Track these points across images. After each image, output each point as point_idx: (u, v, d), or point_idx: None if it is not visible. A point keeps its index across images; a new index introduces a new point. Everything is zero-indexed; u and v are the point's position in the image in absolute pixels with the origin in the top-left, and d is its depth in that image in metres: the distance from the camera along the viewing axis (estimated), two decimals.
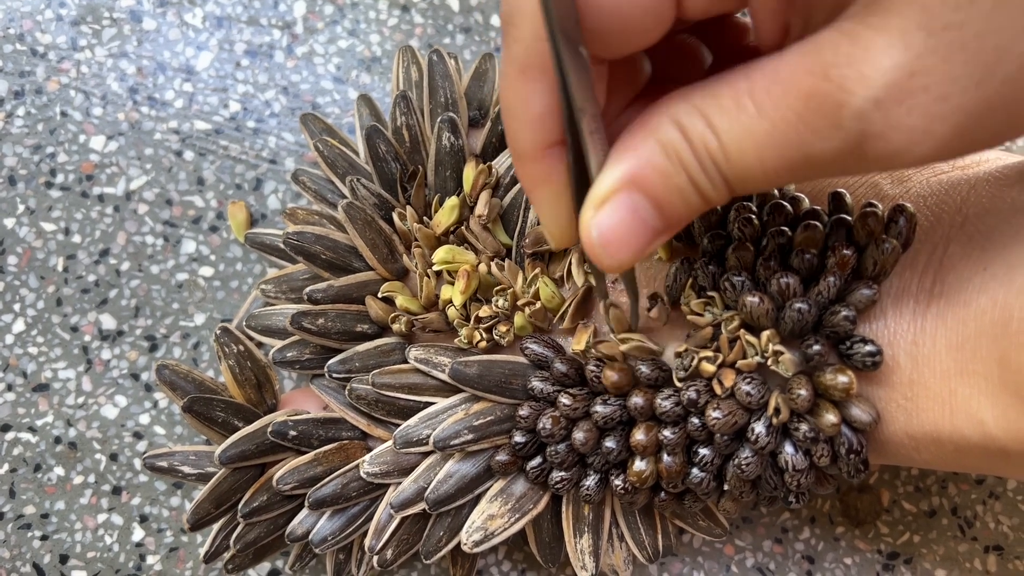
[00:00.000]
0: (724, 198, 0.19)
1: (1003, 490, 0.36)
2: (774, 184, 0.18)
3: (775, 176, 0.18)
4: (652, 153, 0.18)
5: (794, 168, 0.18)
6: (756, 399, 0.24)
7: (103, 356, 0.37)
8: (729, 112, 0.17)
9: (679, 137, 0.18)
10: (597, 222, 0.19)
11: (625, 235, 0.19)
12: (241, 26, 0.39)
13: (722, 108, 0.18)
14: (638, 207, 0.19)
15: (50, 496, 0.36)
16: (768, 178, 0.18)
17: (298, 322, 0.29)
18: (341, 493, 0.29)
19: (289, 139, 0.38)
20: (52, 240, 0.37)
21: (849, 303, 0.23)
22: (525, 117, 0.20)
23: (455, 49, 0.39)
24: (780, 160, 0.17)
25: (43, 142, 0.37)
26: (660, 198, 0.19)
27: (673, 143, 0.18)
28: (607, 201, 0.19)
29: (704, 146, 0.18)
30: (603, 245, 0.19)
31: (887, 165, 0.17)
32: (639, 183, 0.19)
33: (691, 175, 0.18)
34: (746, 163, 0.18)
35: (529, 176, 0.21)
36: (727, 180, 0.18)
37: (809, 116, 0.17)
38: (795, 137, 0.17)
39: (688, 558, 0.36)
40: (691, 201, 0.19)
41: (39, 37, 0.38)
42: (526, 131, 0.20)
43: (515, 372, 0.28)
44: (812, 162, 0.17)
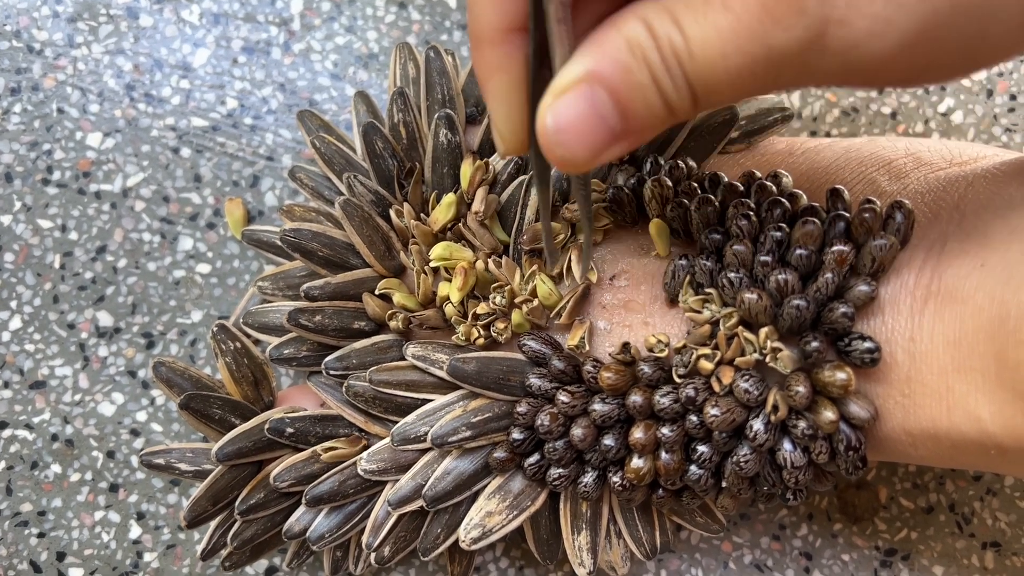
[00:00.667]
0: (687, 106, 0.18)
1: (1000, 487, 0.36)
2: (737, 90, 0.18)
3: (737, 77, 0.17)
4: (617, 49, 0.18)
5: (756, 67, 0.17)
6: (754, 396, 0.24)
7: (100, 353, 0.37)
8: (696, 8, 0.17)
9: (645, 34, 0.18)
10: (554, 110, 0.18)
11: (582, 128, 0.18)
12: (238, 23, 0.38)
13: (690, 5, 0.17)
14: (598, 101, 0.18)
15: (47, 493, 0.36)
16: (731, 79, 0.18)
17: (295, 319, 0.29)
18: (338, 490, 0.29)
19: (286, 136, 0.38)
20: (49, 237, 0.37)
21: (847, 300, 0.23)
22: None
23: (452, 46, 0.39)
24: (742, 56, 0.17)
25: (40, 139, 0.37)
26: (621, 95, 0.18)
27: (639, 39, 0.18)
28: (568, 91, 0.18)
29: (669, 43, 0.17)
30: (557, 133, 0.18)
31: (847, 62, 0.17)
32: (602, 77, 0.18)
33: (654, 74, 0.18)
34: (709, 61, 0.17)
35: (485, 62, 0.20)
36: (691, 82, 0.18)
37: (772, 4, 0.16)
38: (758, 28, 0.17)
39: (686, 555, 0.36)
40: (653, 104, 0.18)
41: (35, 34, 0.38)
42: (487, 10, 0.19)
43: (513, 369, 0.28)
44: (774, 58, 0.17)
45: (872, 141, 0.29)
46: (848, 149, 0.29)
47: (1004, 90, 0.38)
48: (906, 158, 0.28)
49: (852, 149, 0.29)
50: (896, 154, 0.28)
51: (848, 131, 0.38)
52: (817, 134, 0.38)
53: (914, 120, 0.38)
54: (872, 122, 0.38)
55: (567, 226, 0.29)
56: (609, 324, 0.28)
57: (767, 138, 0.31)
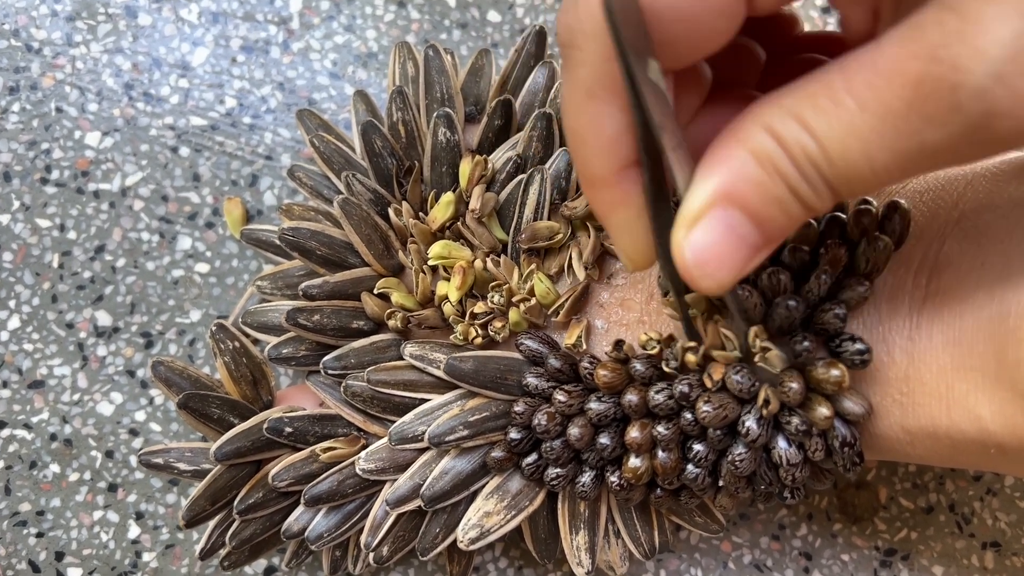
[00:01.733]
0: (829, 204, 0.18)
1: (1001, 487, 0.36)
2: (884, 183, 0.17)
3: (885, 174, 0.16)
4: (745, 164, 0.17)
5: (907, 162, 0.16)
6: (746, 387, 0.23)
7: (99, 353, 0.37)
8: (827, 111, 0.16)
9: (773, 144, 0.17)
10: (691, 242, 0.18)
11: (722, 254, 0.18)
12: (237, 22, 0.38)
13: (818, 108, 0.16)
14: (734, 223, 0.17)
15: (46, 493, 0.36)
16: (878, 177, 0.17)
17: (294, 318, 0.29)
18: (337, 490, 0.29)
19: (285, 135, 0.38)
20: (47, 236, 0.37)
21: (841, 300, 0.23)
22: (596, 142, 0.19)
23: (452, 45, 0.39)
24: (891, 155, 0.16)
25: (38, 138, 0.37)
26: (758, 212, 0.17)
27: (767, 151, 0.17)
28: (700, 219, 0.18)
29: (802, 151, 0.17)
30: (699, 265, 0.18)
31: (1011, 145, 0.16)
32: (733, 198, 0.17)
33: (790, 184, 0.17)
34: (852, 164, 0.16)
35: (603, 202, 0.20)
36: (831, 185, 0.17)
37: (920, 103, 0.15)
38: (906, 128, 0.16)
39: (685, 555, 0.36)
40: (792, 211, 0.18)
41: (34, 33, 0.38)
42: (598, 157, 0.19)
43: (510, 368, 0.28)
44: (927, 153, 0.16)
45: None
46: None
47: None
48: None
49: None
50: None
51: None
52: None
53: None
54: None
55: (566, 224, 0.28)
56: (606, 323, 0.28)
57: None
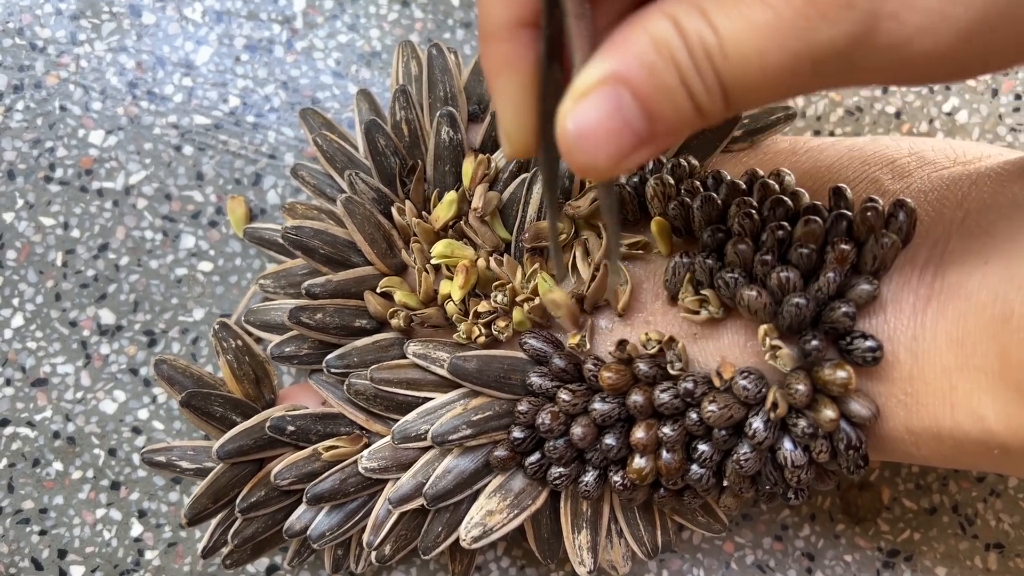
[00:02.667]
0: (718, 108, 0.17)
1: (1004, 488, 0.36)
2: (773, 92, 0.17)
3: (775, 77, 0.16)
4: (642, 47, 0.17)
5: (796, 65, 0.16)
6: (753, 393, 0.23)
7: (102, 351, 0.37)
8: (728, 3, 0.16)
9: (673, 31, 0.16)
10: (575, 114, 0.17)
11: (605, 132, 0.17)
12: (240, 21, 0.38)
13: (723, 1, 0.16)
14: (623, 104, 0.17)
15: (48, 491, 0.36)
16: (768, 80, 0.16)
17: (296, 316, 0.29)
18: (339, 488, 0.29)
19: (288, 134, 0.38)
20: (51, 234, 0.37)
21: (849, 299, 0.23)
22: None
23: (455, 44, 0.39)
24: (782, 54, 0.16)
25: (42, 136, 0.37)
26: (648, 97, 0.17)
27: (666, 37, 0.16)
28: (589, 94, 0.17)
29: (700, 41, 0.16)
30: (579, 138, 0.17)
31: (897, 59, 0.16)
32: (626, 78, 0.17)
33: (683, 74, 0.17)
34: (745, 60, 0.16)
35: (493, 58, 0.19)
36: (723, 84, 0.17)
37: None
38: (801, 24, 0.15)
39: (688, 555, 0.36)
40: (681, 106, 0.17)
41: (38, 31, 0.38)
42: (497, 3, 0.18)
43: (514, 367, 0.28)
44: (817, 55, 0.16)
45: (875, 140, 0.29)
46: (851, 148, 0.29)
47: (1009, 89, 0.38)
48: (910, 157, 0.28)
49: (855, 148, 0.29)
50: (900, 153, 0.28)
51: (852, 130, 0.38)
52: (821, 133, 0.38)
53: (918, 119, 0.38)
54: (876, 121, 0.38)
55: (570, 223, 0.28)
56: (610, 323, 0.28)
57: (770, 137, 0.31)
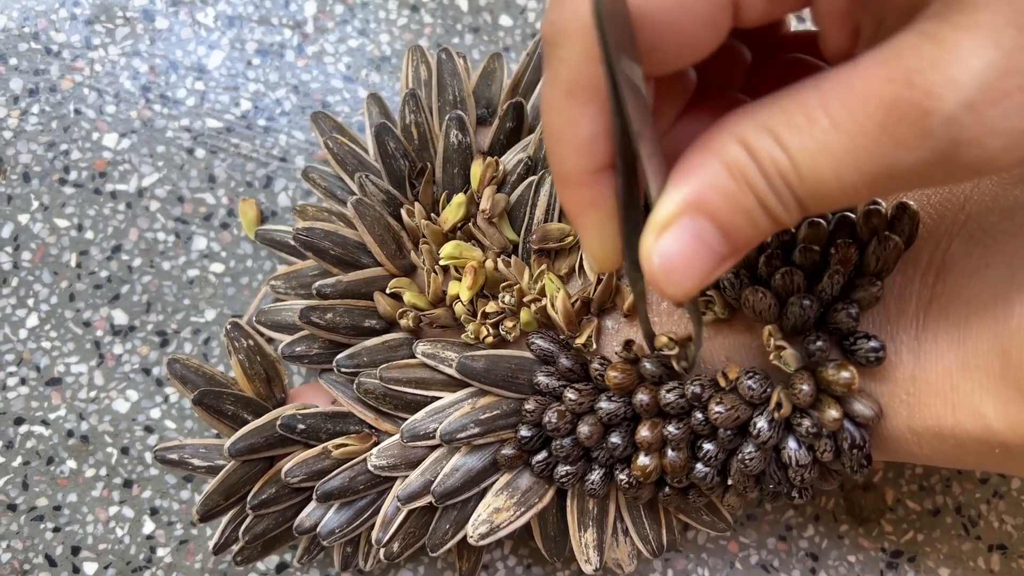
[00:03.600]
0: (796, 218, 0.18)
1: (1007, 489, 0.36)
2: (851, 201, 0.17)
3: (853, 192, 0.17)
4: (716, 175, 0.17)
5: (875, 183, 0.16)
6: (758, 393, 0.24)
7: (115, 351, 0.37)
8: (800, 127, 0.16)
9: (745, 156, 0.17)
10: (659, 248, 0.18)
11: (689, 262, 0.18)
12: (252, 25, 0.39)
13: (792, 124, 0.16)
14: (702, 232, 0.18)
15: (62, 489, 0.37)
16: (846, 194, 0.17)
17: (307, 316, 0.29)
18: (348, 486, 0.29)
19: (299, 137, 0.38)
20: (65, 236, 0.37)
21: (852, 300, 0.24)
22: (573, 142, 0.19)
23: (464, 49, 0.40)
24: (860, 176, 0.16)
25: (57, 139, 0.38)
26: (726, 222, 0.18)
27: (739, 163, 0.17)
28: (669, 226, 0.18)
29: (774, 165, 0.17)
30: (666, 272, 0.18)
31: (977, 173, 0.16)
32: (703, 207, 0.17)
33: (760, 197, 0.17)
34: (821, 181, 0.17)
35: (575, 202, 0.20)
36: (799, 200, 0.17)
37: (892, 127, 0.15)
38: (877, 150, 0.16)
39: (692, 555, 0.36)
40: (760, 224, 0.18)
41: (53, 36, 0.38)
42: (573, 156, 0.19)
43: (521, 367, 0.28)
44: (896, 175, 0.16)
45: None
46: None
47: None
48: None
49: None
50: None
51: None
52: None
53: None
54: None
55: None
56: (616, 323, 0.28)
57: None
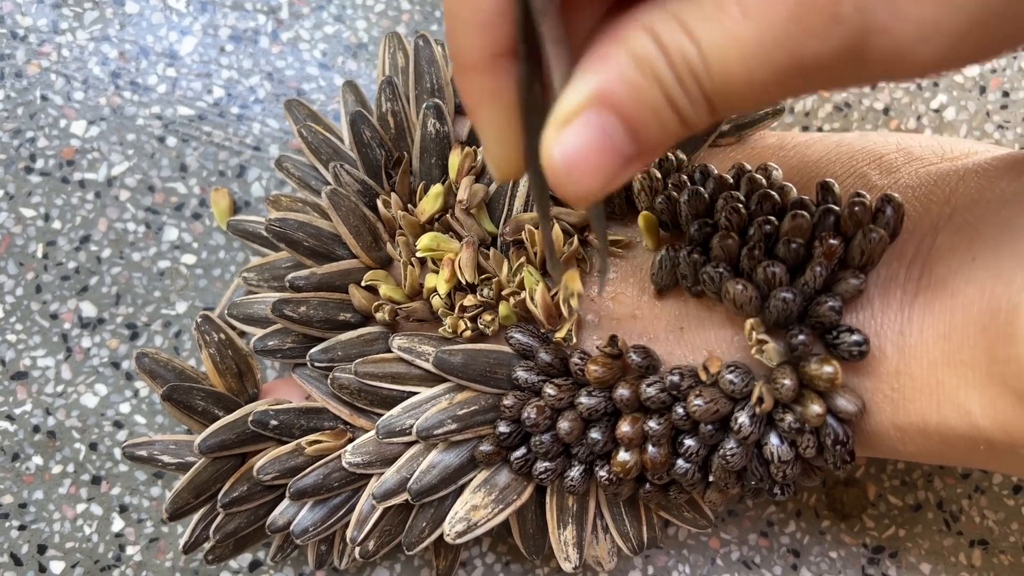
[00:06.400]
0: (703, 119, 0.17)
1: (989, 484, 0.36)
2: (759, 100, 0.16)
3: (762, 89, 0.16)
4: (623, 66, 0.16)
5: (784, 78, 0.16)
6: (739, 388, 0.23)
7: (83, 344, 0.36)
8: (711, 17, 0.15)
9: (654, 48, 0.16)
10: (561, 142, 0.17)
11: (593, 159, 0.17)
12: (225, 11, 0.38)
13: (703, 14, 0.15)
14: (607, 127, 0.16)
15: (28, 486, 0.36)
16: (754, 91, 0.16)
17: (279, 309, 0.29)
18: (323, 483, 0.29)
19: (273, 126, 0.38)
20: (32, 226, 0.36)
21: (836, 293, 0.23)
22: (471, 21, 0.17)
23: (442, 36, 0.39)
24: (768, 68, 0.15)
25: (23, 126, 0.37)
26: (632, 117, 0.17)
27: (647, 54, 0.16)
28: (573, 119, 0.16)
29: (682, 57, 0.16)
30: (567, 169, 0.17)
31: (887, 70, 0.16)
32: (609, 100, 0.16)
33: (667, 91, 0.16)
34: (730, 74, 0.16)
35: (472, 90, 0.18)
36: (708, 96, 0.16)
37: (802, 12, 0.15)
38: (786, 39, 0.15)
39: (673, 551, 0.36)
40: (667, 122, 0.17)
41: (19, 20, 0.37)
42: (472, 35, 0.17)
43: (500, 361, 0.27)
44: (805, 69, 0.16)
45: (863, 136, 0.29)
46: (839, 144, 0.29)
47: (997, 86, 0.38)
48: (897, 153, 0.28)
49: (843, 144, 0.29)
50: (887, 149, 0.28)
51: (840, 126, 0.38)
52: (809, 129, 0.38)
53: (906, 116, 0.38)
54: (864, 117, 0.38)
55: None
56: (597, 317, 0.28)
57: (758, 132, 0.31)
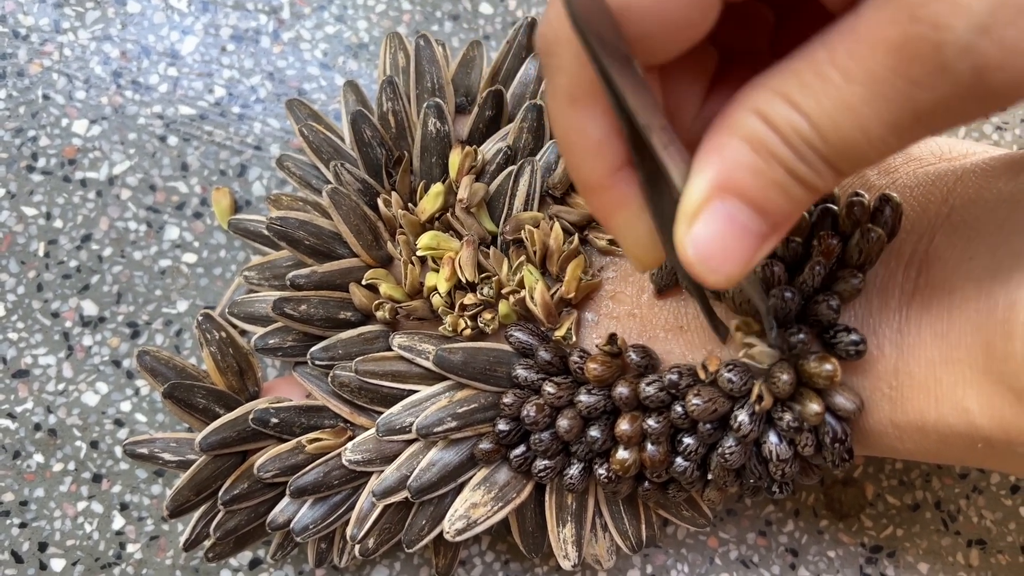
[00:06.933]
0: (831, 181, 0.17)
1: (986, 484, 0.36)
2: (883, 153, 0.16)
3: (882, 143, 0.16)
4: (738, 152, 0.17)
5: (902, 129, 0.16)
6: (738, 386, 0.23)
7: (84, 342, 0.36)
8: (813, 87, 0.16)
9: (764, 127, 0.16)
10: (693, 238, 0.17)
11: (726, 246, 0.17)
12: (227, 10, 0.38)
13: (804, 85, 0.16)
14: (735, 213, 0.17)
15: (29, 483, 0.36)
16: (875, 147, 0.16)
17: (280, 308, 0.29)
18: (323, 481, 0.29)
19: (274, 125, 0.38)
20: (33, 225, 0.37)
21: (834, 292, 0.23)
22: (585, 148, 0.18)
23: (443, 36, 0.39)
24: (884, 125, 0.16)
25: (25, 125, 0.37)
26: (757, 198, 0.17)
27: (759, 135, 0.16)
28: (699, 214, 0.17)
29: (793, 131, 0.16)
30: (703, 261, 0.17)
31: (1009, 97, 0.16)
32: (730, 187, 0.17)
33: (787, 166, 0.17)
34: (845, 138, 0.16)
35: (602, 207, 0.19)
36: (828, 161, 0.16)
37: (905, 67, 0.15)
38: (895, 95, 0.15)
39: (672, 550, 0.36)
40: (793, 193, 0.17)
41: (21, 19, 0.37)
42: (589, 162, 0.19)
43: (499, 360, 0.28)
44: (921, 117, 0.15)
45: None
46: None
47: None
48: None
49: None
50: None
51: None
52: None
53: None
54: None
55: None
56: (596, 315, 0.28)
57: None
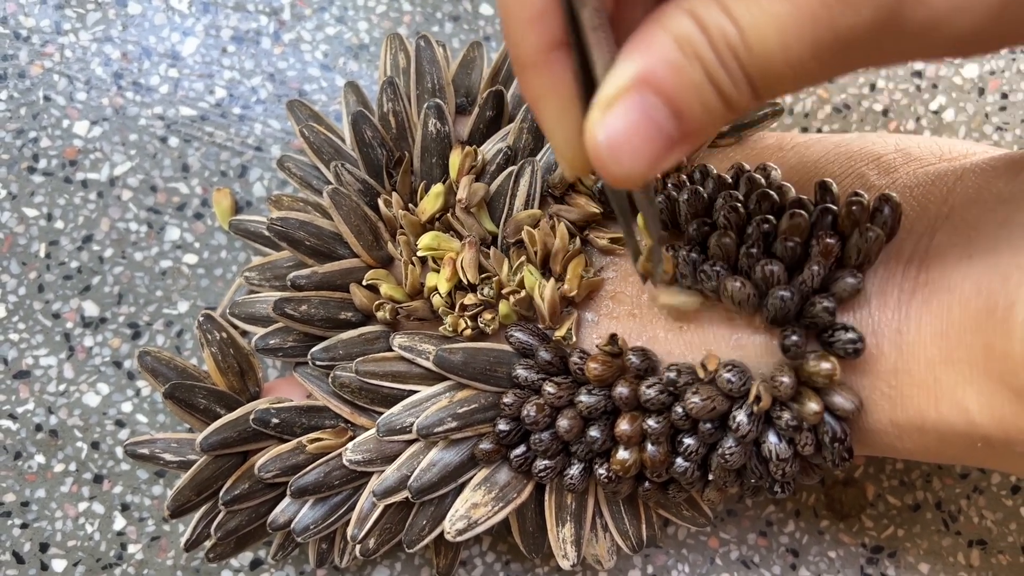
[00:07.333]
0: (746, 99, 0.17)
1: (987, 484, 0.36)
2: (800, 79, 0.17)
3: (800, 66, 0.16)
4: (665, 48, 0.16)
5: (822, 53, 0.16)
6: (737, 386, 0.24)
7: (85, 343, 0.36)
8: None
9: (694, 28, 0.16)
10: (605, 126, 0.17)
11: (637, 140, 0.17)
12: (228, 12, 0.38)
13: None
14: (651, 109, 0.17)
15: (30, 484, 0.36)
16: (793, 69, 0.16)
17: (281, 308, 0.29)
18: (324, 481, 0.29)
19: (275, 126, 0.38)
20: (34, 226, 0.37)
21: (833, 292, 0.23)
22: (523, 15, 0.18)
23: (444, 37, 0.39)
24: (805, 44, 0.16)
25: (26, 126, 0.37)
26: (676, 98, 0.17)
27: (688, 35, 0.16)
28: (616, 102, 0.17)
29: (722, 36, 0.16)
30: (611, 150, 0.17)
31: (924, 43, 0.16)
32: (652, 82, 0.16)
33: (709, 71, 0.16)
34: (768, 52, 0.16)
35: (533, 88, 0.18)
36: (749, 75, 0.16)
37: None
38: (821, 13, 0.15)
39: (672, 550, 0.36)
40: (710, 103, 0.17)
41: (22, 20, 0.37)
42: (525, 32, 0.18)
43: (500, 360, 0.28)
44: (842, 42, 0.16)
45: (862, 137, 0.29)
46: (838, 144, 0.29)
47: (995, 88, 0.38)
48: (895, 153, 0.28)
49: (842, 144, 0.29)
50: (886, 149, 0.28)
51: (840, 128, 0.38)
52: (808, 130, 0.38)
53: (906, 117, 0.38)
54: (864, 119, 0.38)
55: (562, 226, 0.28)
56: (596, 315, 0.28)
57: (757, 132, 0.31)
